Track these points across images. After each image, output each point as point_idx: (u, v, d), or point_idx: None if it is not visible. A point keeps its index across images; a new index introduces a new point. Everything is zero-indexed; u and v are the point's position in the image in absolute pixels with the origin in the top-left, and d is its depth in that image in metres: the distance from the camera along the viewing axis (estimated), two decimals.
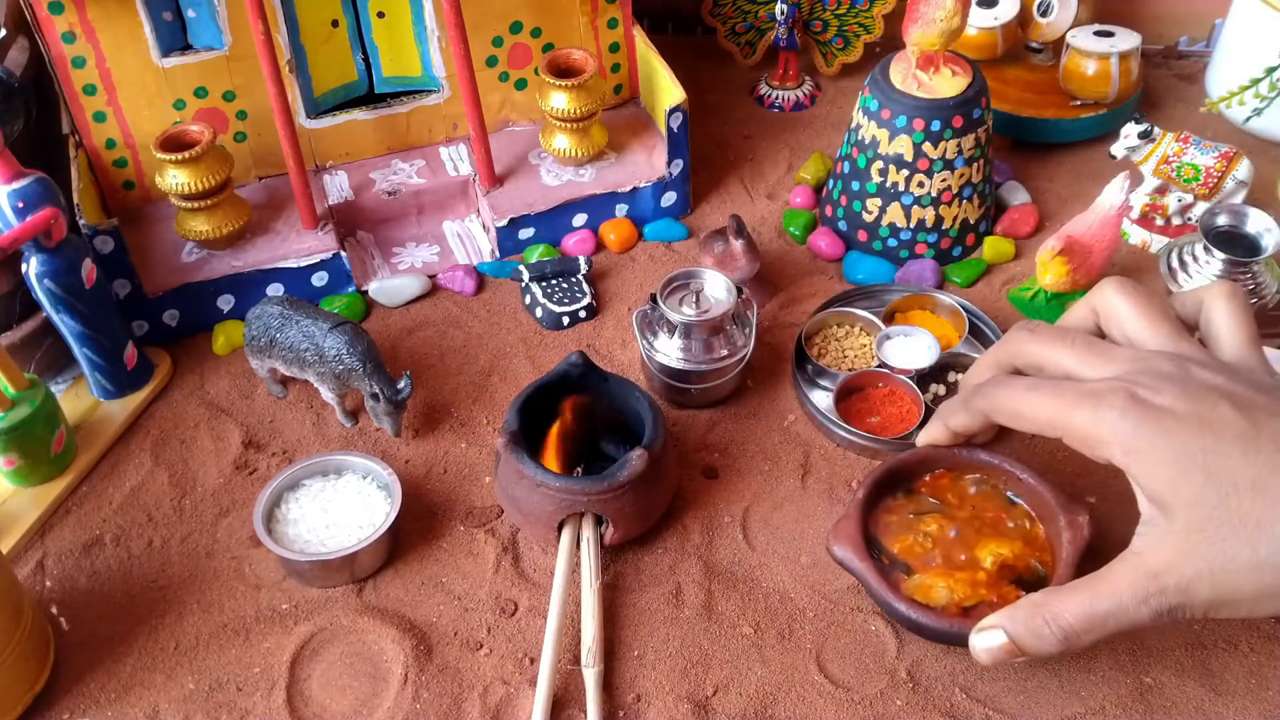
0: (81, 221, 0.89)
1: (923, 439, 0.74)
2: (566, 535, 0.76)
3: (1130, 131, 1.00)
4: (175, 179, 0.91)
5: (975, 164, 0.99)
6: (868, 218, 1.02)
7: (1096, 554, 0.78)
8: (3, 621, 0.67)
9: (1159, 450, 0.48)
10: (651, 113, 1.11)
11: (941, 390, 0.90)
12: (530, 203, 1.03)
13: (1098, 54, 1.10)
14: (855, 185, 1.01)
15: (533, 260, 1.03)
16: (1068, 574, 0.69)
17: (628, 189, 1.05)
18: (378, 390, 0.83)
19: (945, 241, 1.01)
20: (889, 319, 0.94)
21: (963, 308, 0.94)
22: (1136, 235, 1.04)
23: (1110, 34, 1.12)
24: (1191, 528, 0.46)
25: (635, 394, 0.81)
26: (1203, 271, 0.94)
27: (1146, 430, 0.49)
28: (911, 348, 0.91)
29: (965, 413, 0.66)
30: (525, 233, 1.04)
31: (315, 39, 1.01)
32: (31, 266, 0.81)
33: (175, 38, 0.96)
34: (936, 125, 0.95)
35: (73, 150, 0.96)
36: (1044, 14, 1.18)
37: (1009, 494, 0.75)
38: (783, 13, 1.19)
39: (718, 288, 0.87)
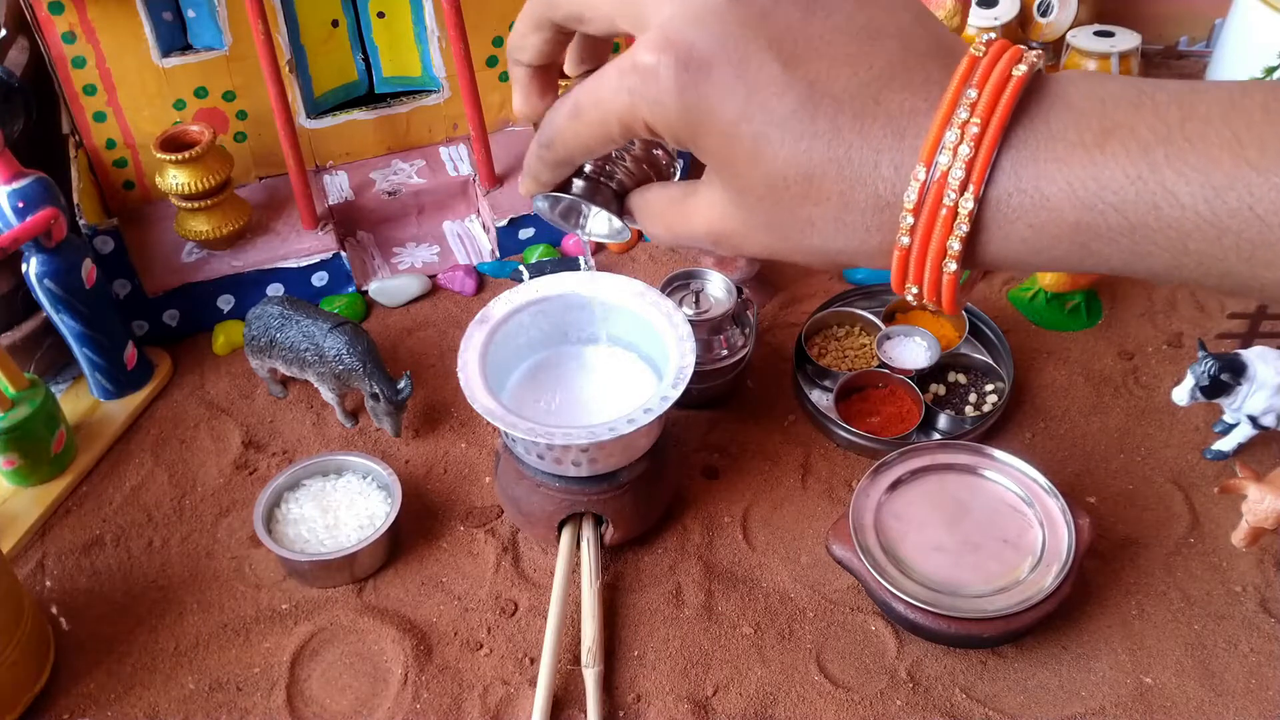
0: (81, 221, 0.89)
1: (524, 189, 0.51)
2: (566, 535, 0.76)
3: None
4: (175, 179, 0.91)
5: None
6: None
7: (1097, 554, 0.78)
8: (3, 621, 0.67)
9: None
10: None
11: (941, 390, 0.90)
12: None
13: (1098, 54, 1.10)
14: None
15: (533, 260, 1.03)
16: (1068, 574, 0.69)
17: None
18: (378, 390, 0.83)
19: None
20: (889, 319, 0.94)
21: (963, 307, 0.94)
22: None
23: (1110, 34, 1.12)
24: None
25: None
26: None
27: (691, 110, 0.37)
28: (911, 348, 0.91)
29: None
30: (525, 233, 1.04)
31: (315, 39, 1.01)
32: (31, 266, 0.81)
33: (175, 38, 0.96)
34: None
35: (73, 150, 0.96)
36: (1044, 14, 1.18)
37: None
38: None
39: (718, 288, 0.87)
